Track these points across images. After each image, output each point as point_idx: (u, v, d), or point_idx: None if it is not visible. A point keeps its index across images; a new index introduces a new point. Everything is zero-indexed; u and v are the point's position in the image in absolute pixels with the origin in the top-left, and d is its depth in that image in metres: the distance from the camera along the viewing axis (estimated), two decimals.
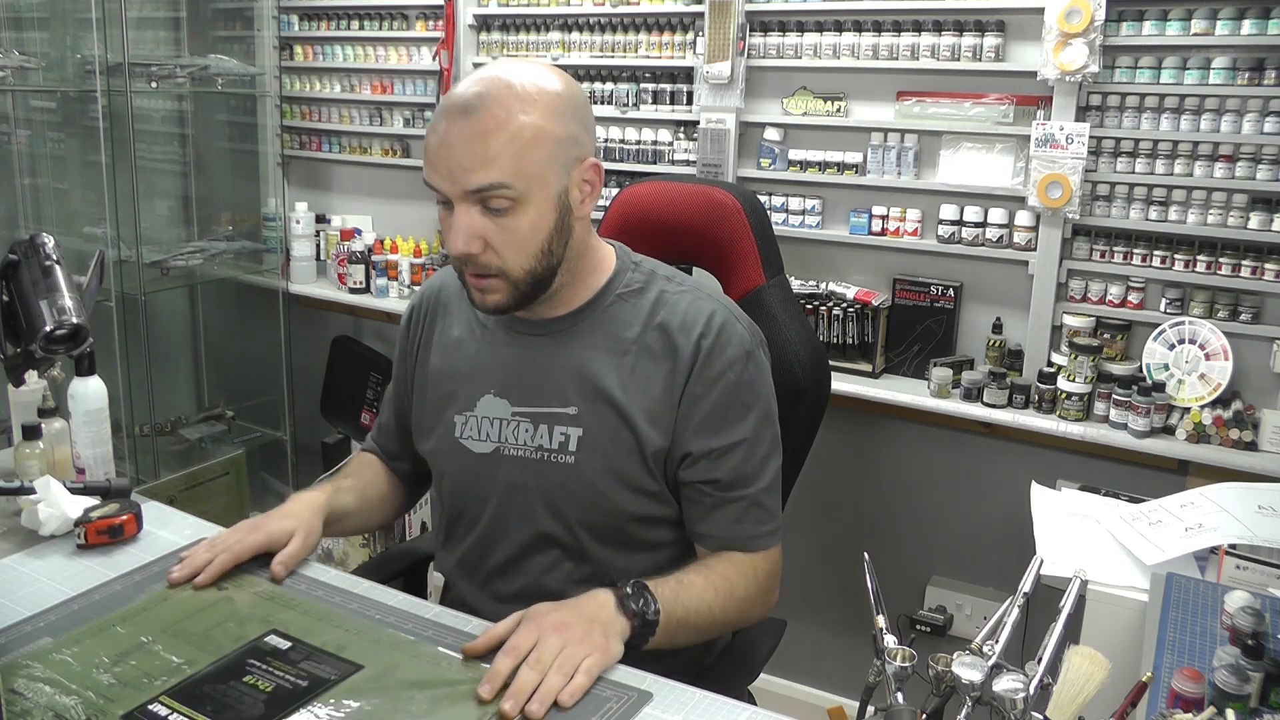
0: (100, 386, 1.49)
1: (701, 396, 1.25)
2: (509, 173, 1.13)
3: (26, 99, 2.95)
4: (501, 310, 1.23)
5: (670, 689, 1.07)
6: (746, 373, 1.26)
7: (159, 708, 0.99)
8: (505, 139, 1.12)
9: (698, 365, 1.24)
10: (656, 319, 1.27)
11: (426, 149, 1.16)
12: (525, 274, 1.19)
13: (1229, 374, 2.01)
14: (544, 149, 1.15)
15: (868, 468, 2.45)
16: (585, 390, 1.26)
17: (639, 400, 1.25)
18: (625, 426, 1.25)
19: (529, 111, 1.14)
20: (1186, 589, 1.38)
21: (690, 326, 1.25)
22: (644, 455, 1.25)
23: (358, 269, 3.03)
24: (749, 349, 1.27)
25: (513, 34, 2.80)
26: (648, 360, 1.26)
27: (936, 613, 2.33)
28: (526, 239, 1.17)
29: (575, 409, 1.26)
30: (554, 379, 1.28)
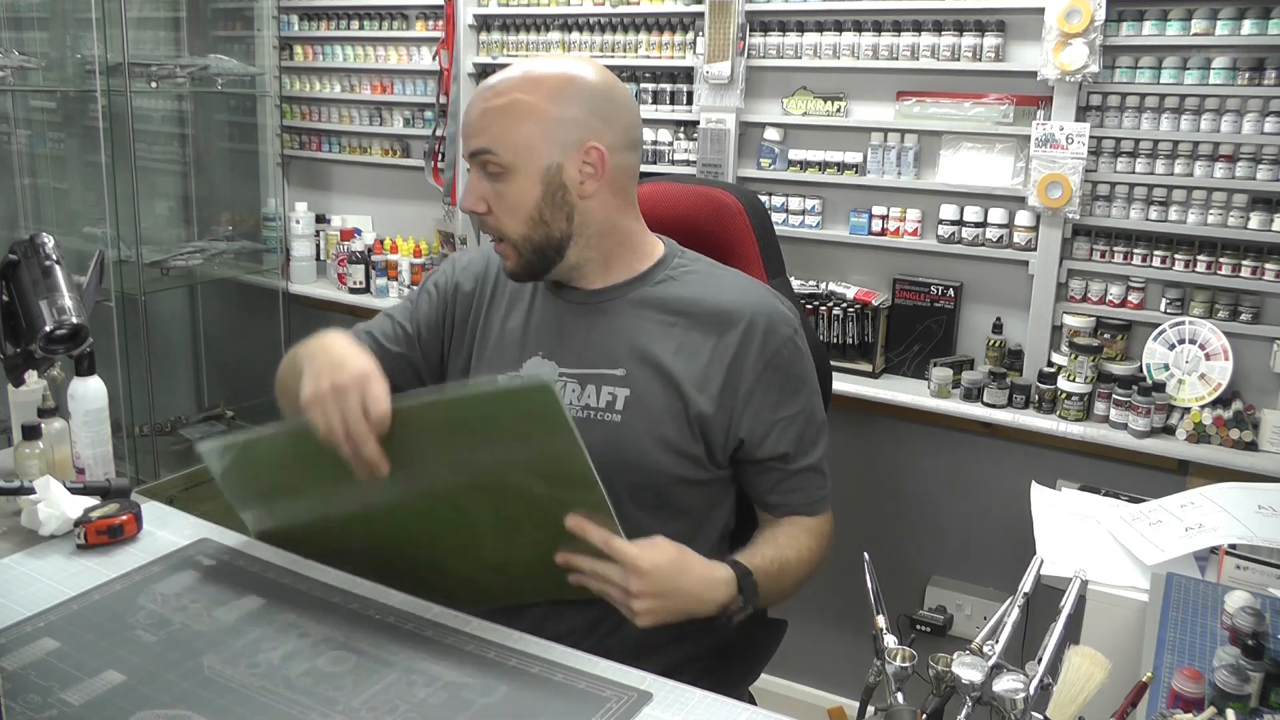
0: (100, 386, 1.49)
1: (762, 374, 1.32)
2: (496, 141, 1.25)
3: (26, 99, 2.95)
4: (517, 276, 1.34)
5: (670, 689, 1.07)
6: (796, 353, 1.34)
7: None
8: (498, 111, 1.25)
9: (755, 344, 1.31)
10: (706, 296, 1.34)
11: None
12: (523, 240, 1.29)
13: (1229, 374, 2.01)
14: (535, 125, 1.25)
15: (868, 468, 2.45)
16: (633, 354, 1.32)
17: (686, 367, 1.30)
18: (671, 390, 1.30)
19: (530, 92, 1.26)
20: (1186, 589, 1.38)
21: (741, 305, 1.32)
22: (689, 418, 1.30)
23: (358, 269, 3.03)
24: (796, 327, 1.36)
25: (513, 34, 2.80)
26: (697, 332, 1.32)
27: (936, 613, 2.33)
28: (516, 205, 1.27)
29: (623, 370, 1.32)
30: (602, 343, 1.34)
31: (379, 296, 2.99)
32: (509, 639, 1.15)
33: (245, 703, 1.02)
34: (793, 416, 1.34)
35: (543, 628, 1.19)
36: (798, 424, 1.34)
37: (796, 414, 1.34)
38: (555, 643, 1.14)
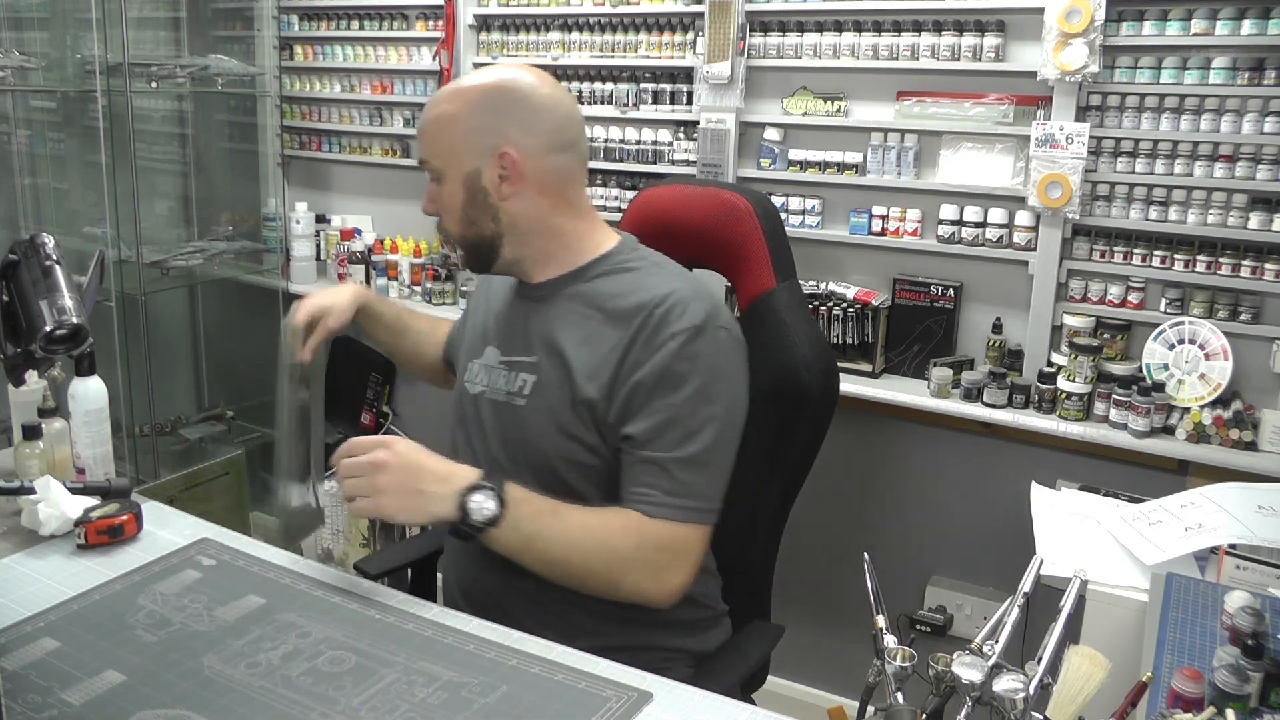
0: (100, 386, 1.49)
1: (642, 363, 1.31)
2: (428, 149, 1.39)
3: (26, 99, 2.95)
4: (470, 269, 1.49)
5: (670, 689, 1.07)
6: (690, 347, 1.30)
7: None
8: (430, 122, 1.38)
9: (645, 333, 1.32)
10: (629, 290, 1.37)
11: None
12: (460, 238, 1.42)
13: (1229, 374, 2.01)
14: (457, 135, 1.36)
15: (868, 468, 2.45)
16: (546, 344, 1.39)
17: (585, 357, 1.35)
18: (567, 378, 1.35)
19: (454, 102, 1.37)
20: (1186, 589, 1.38)
21: (649, 299, 1.34)
22: (575, 404, 1.34)
23: (358, 269, 3.03)
24: (699, 324, 1.31)
25: (513, 34, 2.80)
26: (608, 326, 1.35)
27: (936, 613, 2.33)
28: (449, 208, 1.39)
29: (535, 358, 1.40)
30: (529, 333, 1.42)
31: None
32: (509, 639, 1.16)
33: (245, 703, 1.02)
34: (658, 408, 1.30)
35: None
36: (659, 416, 1.29)
37: (663, 406, 1.29)
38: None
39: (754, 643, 1.53)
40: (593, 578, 1.29)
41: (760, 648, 1.53)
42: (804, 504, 2.49)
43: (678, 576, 1.30)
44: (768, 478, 1.69)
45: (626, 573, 1.28)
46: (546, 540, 1.26)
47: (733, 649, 1.51)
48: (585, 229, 1.43)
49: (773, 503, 1.70)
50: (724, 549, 1.71)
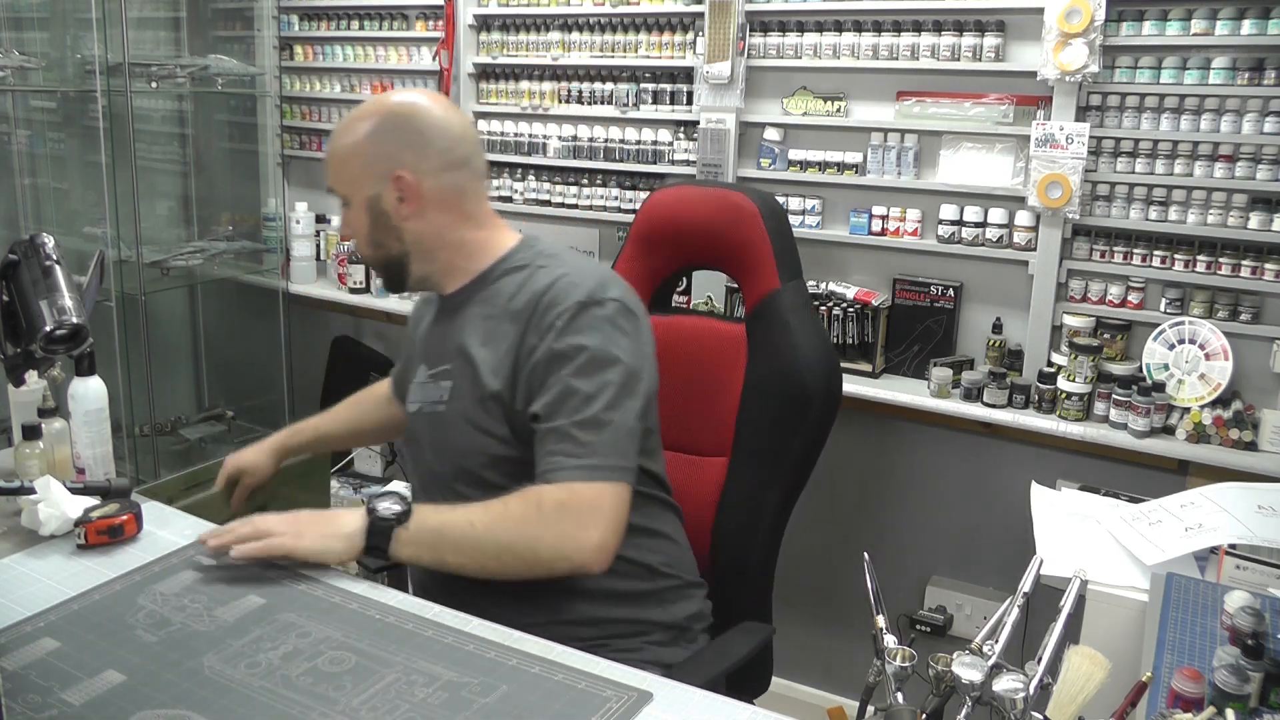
0: (100, 386, 1.49)
1: (535, 347, 1.37)
2: (333, 179, 1.46)
3: (26, 99, 2.95)
4: (387, 289, 1.54)
5: (670, 689, 1.07)
6: (575, 321, 1.36)
7: None
8: (331, 154, 1.45)
9: (535, 319, 1.38)
10: (523, 289, 1.43)
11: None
12: (371, 260, 1.49)
13: (1229, 374, 2.01)
14: (355, 163, 1.43)
15: (868, 468, 2.45)
16: (458, 350, 1.45)
17: (488, 355, 1.41)
18: (475, 376, 1.41)
19: (349, 134, 1.43)
20: (1186, 589, 1.38)
21: (539, 289, 1.40)
22: (484, 400, 1.40)
23: (358, 269, 3.02)
24: (582, 300, 1.37)
25: (513, 34, 2.80)
26: (508, 322, 1.41)
27: (936, 613, 2.33)
28: (357, 232, 1.46)
29: (450, 365, 1.46)
30: (446, 343, 1.48)
31: (379, 296, 2.99)
32: (509, 639, 1.15)
33: (245, 703, 1.02)
34: (554, 381, 1.34)
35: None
36: (556, 388, 1.34)
37: (558, 378, 1.34)
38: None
39: (738, 640, 1.54)
40: (509, 554, 1.29)
41: (744, 645, 1.53)
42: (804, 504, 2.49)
43: (594, 534, 1.28)
44: (769, 479, 1.69)
45: (539, 539, 1.28)
46: (453, 527, 1.30)
47: (717, 646, 1.52)
48: (485, 236, 1.49)
49: (774, 503, 1.70)
50: (724, 550, 1.71)
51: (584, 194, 2.74)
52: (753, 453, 1.72)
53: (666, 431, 1.76)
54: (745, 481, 1.72)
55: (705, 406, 1.78)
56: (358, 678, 1.06)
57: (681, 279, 2.49)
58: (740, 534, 1.70)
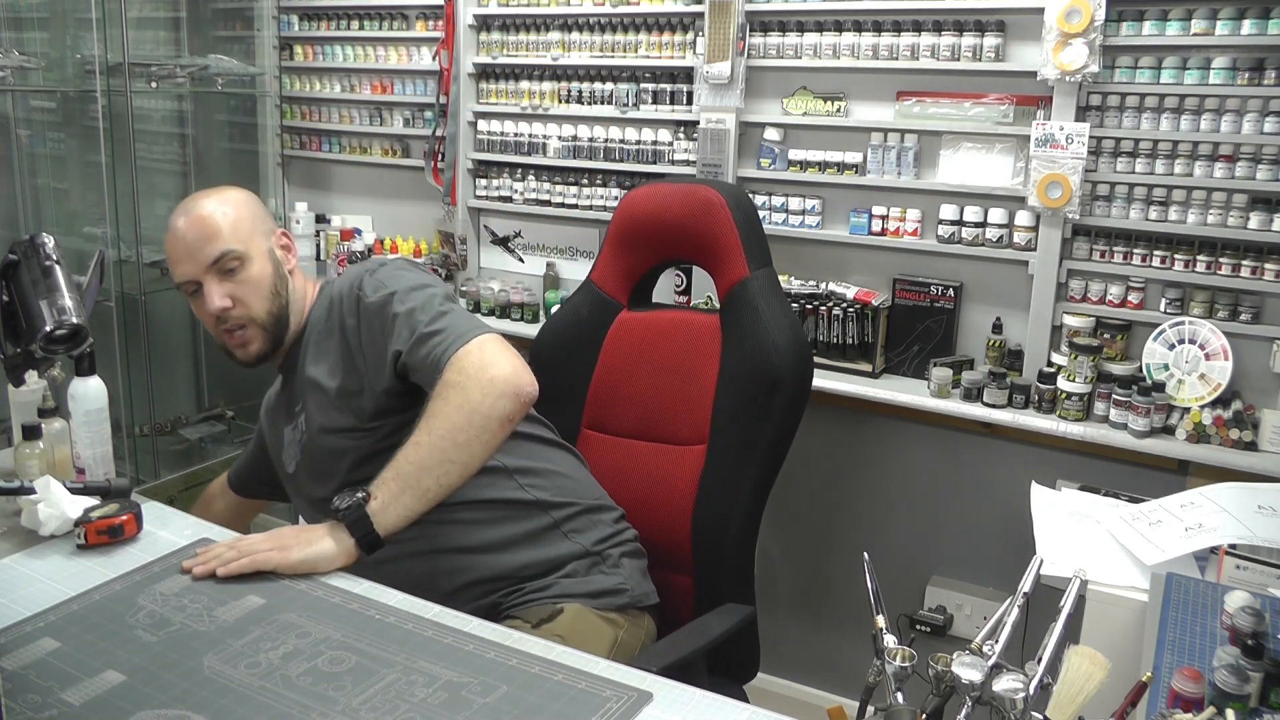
0: (100, 386, 1.49)
1: (356, 325, 1.50)
2: (230, 239, 1.50)
3: (26, 99, 2.95)
4: (263, 357, 1.57)
5: (670, 689, 1.07)
6: (369, 282, 1.50)
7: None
8: (218, 220, 1.51)
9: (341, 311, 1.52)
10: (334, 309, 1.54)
11: (171, 258, 1.53)
12: (268, 315, 1.54)
13: (1229, 374, 2.01)
14: (246, 221, 1.54)
15: (868, 468, 2.45)
16: (302, 384, 1.56)
17: (323, 366, 1.52)
18: (320, 389, 1.52)
19: (225, 203, 1.54)
20: (1186, 589, 1.38)
21: (334, 295, 1.55)
22: (331, 402, 1.50)
23: None
24: (368, 268, 1.54)
25: (513, 34, 2.80)
26: (325, 336, 1.54)
27: (936, 613, 2.33)
28: (259, 285, 1.52)
29: (299, 404, 1.57)
30: (292, 394, 1.60)
31: None
32: (509, 639, 1.16)
33: (245, 703, 1.02)
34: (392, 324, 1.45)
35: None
36: (397, 324, 1.45)
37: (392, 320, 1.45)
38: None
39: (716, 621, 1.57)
40: (462, 433, 1.34)
41: (721, 625, 1.56)
42: (804, 503, 2.50)
43: (503, 366, 1.38)
44: (743, 462, 1.72)
45: (470, 402, 1.35)
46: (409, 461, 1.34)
47: (695, 627, 1.56)
48: (306, 285, 1.63)
49: (749, 487, 1.73)
50: (704, 536, 1.74)
51: (584, 194, 2.74)
52: (728, 439, 1.75)
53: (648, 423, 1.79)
54: (721, 468, 1.75)
55: (683, 397, 1.81)
56: (358, 678, 1.06)
57: (679, 277, 2.51)
58: (718, 519, 1.73)
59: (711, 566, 1.74)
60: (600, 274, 1.94)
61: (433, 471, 1.34)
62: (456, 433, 1.34)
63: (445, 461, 1.34)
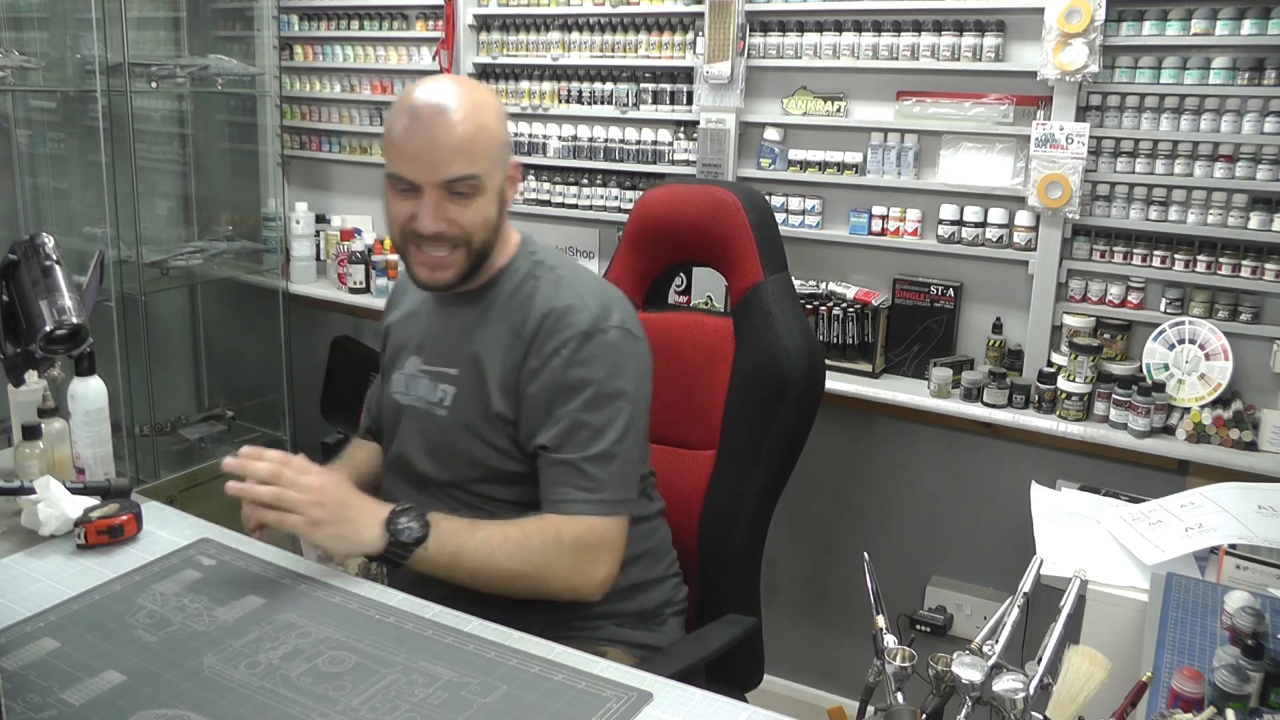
0: (100, 386, 1.49)
1: (538, 372, 1.38)
2: (480, 165, 1.35)
3: (26, 99, 2.95)
4: (451, 285, 1.42)
5: (670, 689, 1.07)
6: (581, 351, 1.36)
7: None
8: (471, 137, 1.34)
9: (538, 341, 1.38)
10: (528, 300, 1.42)
11: (397, 144, 1.35)
12: (479, 244, 1.39)
13: (1229, 374, 2.01)
14: (496, 149, 1.38)
15: (868, 468, 2.45)
16: (465, 355, 1.43)
17: (496, 369, 1.40)
18: (481, 390, 1.41)
19: (481, 113, 1.36)
20: (1186, 589, 1.38)
21: (541, 307, 1.40)
22: (491, 420, 1.40)
23: (358, 269, 3.02)
24: (587, 329, 1.37)
25: (512, 34, 2.80)
26: (511, 335, 1.41)
27: (936, 613, 2.33)
28: (483, 221, 1.38)
29: (456, 370, 1.44)
30: (449, 342, 1.46)
31: (379, 296, 2.98)
32: (509, 639, 1.16)
33: (245, 703, 1.02)
34: (562, 415, 1.36)
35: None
36: (565, 422, 1.36)
37: (566, 412, 1.36)
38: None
39: (717, 632, 1.55)
40: (521, 580, 1.32)
41: (722, 637, 1.54)
42: (805, 503, 2.50)
43: (602, 569, 1.35)
44: (752, 468, 1.71)
45: (553, 571, 1.32)
46: (472, 552, 1.29)
47: (696, 637, 1.54)
48: (509, 230, 1.48)
49: (756, 493, 1.72)
50: (709, 541, 1.73)
51: (584, 194, 2.74)
52: (737, 443, 1.74)
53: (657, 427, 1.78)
54: (730, 472, 1.74)
55: (694, 400, 1.80)
56: (358, 678, 1.06)
57: (679, 276, 2.51)
58: (725, 525, 1.72)
59: (715, 573, 1.72)
60: (615, 274, 1.93)
61: (476, 579, 1.30)
62: (519, 580, 1.31)
63: (490, 583, 1.31)
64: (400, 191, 1.37)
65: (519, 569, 1.31)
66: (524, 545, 1.31)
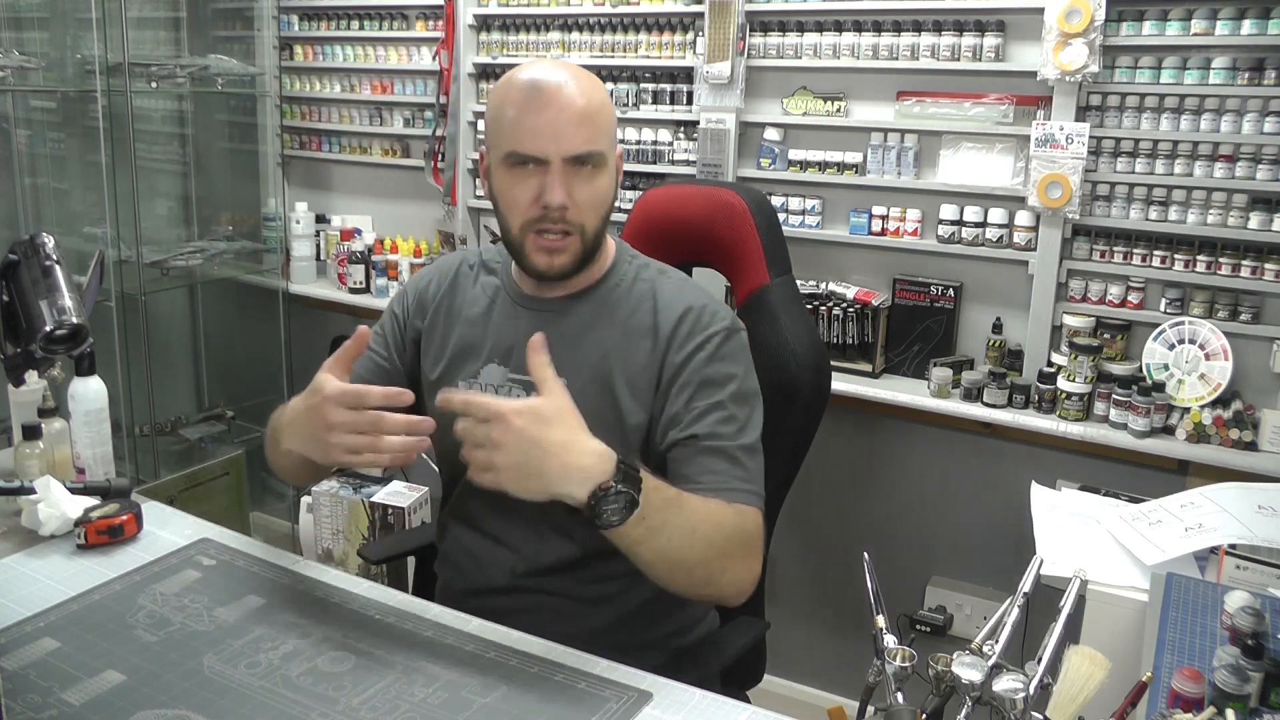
0: (100, 386, 1.49)
1: (682, 365, 1.32)
2: (602, 142, 1.30)
3: (26, 99, 2.95)
4: (566, 272, 1.34)
5: (670, 689, 1.07)
6: (724, 347, 1.34)
7: None
8: (597, 113, 1.30)
9: (679, 338, 1.33)
10: (648, 301, 1.37)
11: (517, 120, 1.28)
12: (594, 233, 1.33)
13: (1229, 374, 2.01)
14: (613, 126, 1.35)
15: (868, 468, 2.45)
16: (575, 362, 1.33)
17: (623, 373, 1.33)
18: (608, 398, 1.32)
19: (601, 93, 1.32)
20: (1186, 589, 1.38)
21: (675, 306, 1.36)
22: (624, 428, 1.32)
23: (358, 269, 3.03)
24: (729, 327, 1.35)
25: (513, 34, 2.80)
26: (637, 337, 1.35)
27: (936, 613, 2.33)
28: (604, 199, 1.32)
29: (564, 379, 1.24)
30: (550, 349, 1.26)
31: (379, 296, 2.99)
32: (509, 639, 1.15)
33: (245, 703, 1.02)
34: (711, 405, 1.30)
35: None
36: (715, 413, 1.30)
37: (714, 403, 1.30)
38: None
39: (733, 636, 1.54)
40: (702, 568, 1.19)
41: (739, 640, 1.53)
42: (804, 503, 2.50)
43: (758, 566, 1.27)
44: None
45: (731, 561, 1.22)
46: (669, 533, 1.14)
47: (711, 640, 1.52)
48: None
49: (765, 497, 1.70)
50: None
51: None
52: None
53: None
54: None
55: None
56: (358, 678, 1.06)
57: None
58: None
59: None
60: None
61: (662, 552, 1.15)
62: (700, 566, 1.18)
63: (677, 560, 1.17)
64: (521, 171, 1.28)
65: (706, 557, 1.18)
66: (720, 533, 1.20)
